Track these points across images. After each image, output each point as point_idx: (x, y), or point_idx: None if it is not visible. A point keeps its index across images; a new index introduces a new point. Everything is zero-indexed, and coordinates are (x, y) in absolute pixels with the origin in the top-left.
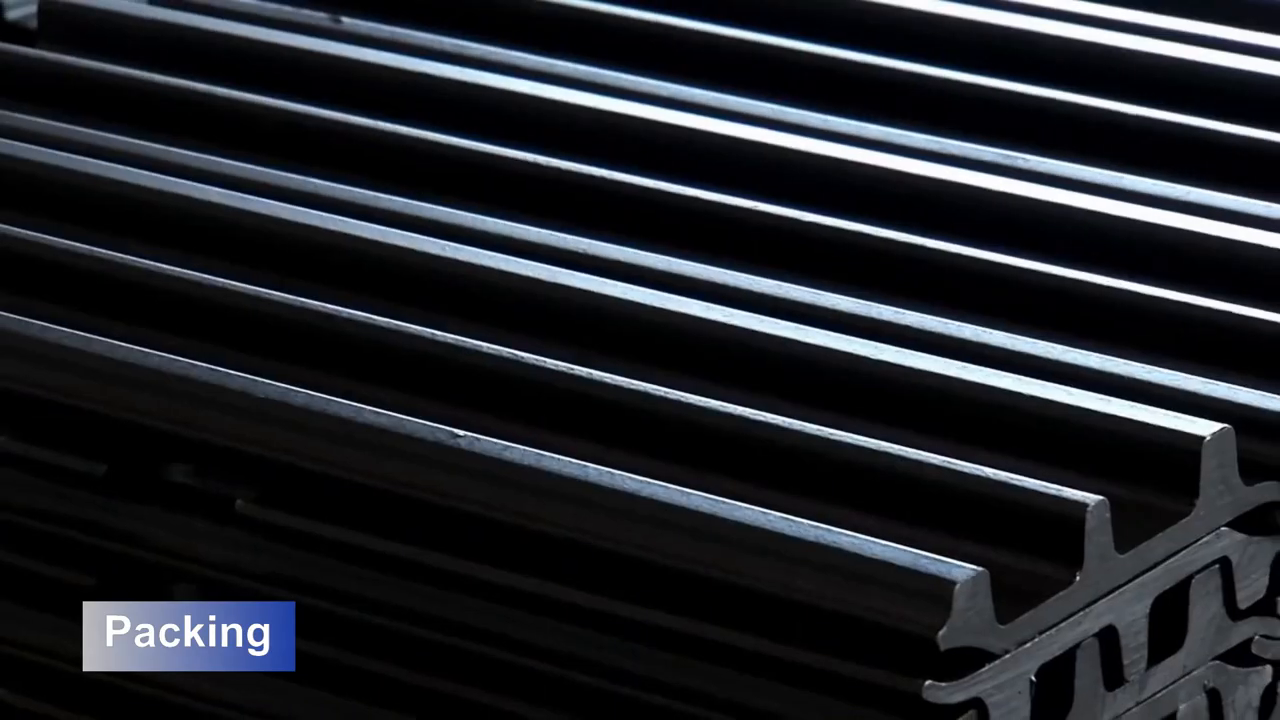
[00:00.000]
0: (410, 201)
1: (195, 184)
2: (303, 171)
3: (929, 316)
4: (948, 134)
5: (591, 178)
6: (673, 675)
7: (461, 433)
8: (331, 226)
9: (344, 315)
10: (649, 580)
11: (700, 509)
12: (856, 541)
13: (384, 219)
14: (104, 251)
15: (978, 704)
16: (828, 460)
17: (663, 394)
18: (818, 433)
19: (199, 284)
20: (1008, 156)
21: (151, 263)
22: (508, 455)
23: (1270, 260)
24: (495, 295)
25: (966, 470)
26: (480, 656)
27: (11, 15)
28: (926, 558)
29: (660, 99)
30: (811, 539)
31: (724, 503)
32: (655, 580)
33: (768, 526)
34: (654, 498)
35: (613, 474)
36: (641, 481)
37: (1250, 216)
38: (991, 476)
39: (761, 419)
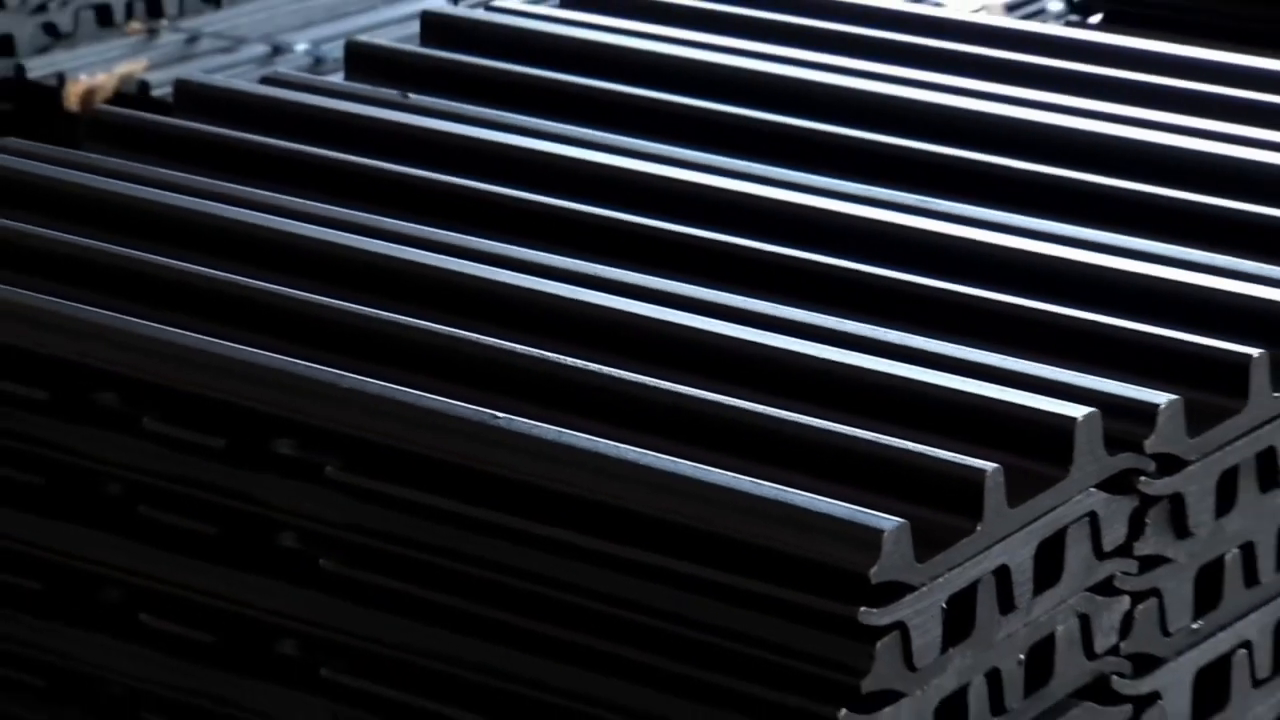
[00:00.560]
0: (463, 236)
1: (297, 222)
2: (377, 213)
3: (865, 325)
4: (884, 185)
5: (606, 219)
6: (662, 602)
7: (500, 414)
8: (402, 255)
9: (410, 324)
10: (645, 529)
11: (685, 473)
12: (805, 498)
13: (442, 250)
14: (227, 275)
15: (900, 626)
16: (784, 436)
17: (658, 385)
18: (777, 414)
19: (301, 301)
20: (922, 201)
21: (262, 284)
22: (536, 432)
23: (1130, 283)
24: (529, 309)
25: (891, 443)
26: (510, 586)
27: (156, 93)
28: (861, 511)
29: (660, 158)
30: (771, 496)
31: (703, 469)
32: (650, 529)
33: (737, 487)
34: (650, 465)
35: (618, 447)
36: (640, 452)
37: (1120, 249)
38: (911, 448)
39: (734, 404)
